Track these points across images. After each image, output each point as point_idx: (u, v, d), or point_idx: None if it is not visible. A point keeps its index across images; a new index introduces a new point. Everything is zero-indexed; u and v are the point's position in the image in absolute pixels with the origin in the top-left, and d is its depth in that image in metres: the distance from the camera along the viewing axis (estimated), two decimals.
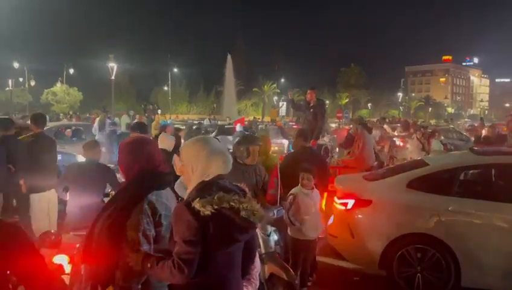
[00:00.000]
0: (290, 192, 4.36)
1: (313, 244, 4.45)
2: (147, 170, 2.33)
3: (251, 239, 2.26)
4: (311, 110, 8.21)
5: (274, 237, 3.86)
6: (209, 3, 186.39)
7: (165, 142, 6.17)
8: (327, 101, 66.03)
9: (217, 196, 1.98)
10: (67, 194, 4.57)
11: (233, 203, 2.00)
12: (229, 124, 22.19)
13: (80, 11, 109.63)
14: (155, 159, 2.41)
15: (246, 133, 12.01)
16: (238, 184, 2.29)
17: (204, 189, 2.05)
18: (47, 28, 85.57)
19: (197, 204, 1.95)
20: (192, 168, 2.14)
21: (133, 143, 2.44)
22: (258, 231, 3.57)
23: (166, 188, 2.40)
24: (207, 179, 2.10)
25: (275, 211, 4.03)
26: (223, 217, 1.97)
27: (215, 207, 1.95)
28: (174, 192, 3.10)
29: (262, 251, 3.64)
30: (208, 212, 1.93)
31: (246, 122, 20.92)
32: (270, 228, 3.83)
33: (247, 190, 2.26)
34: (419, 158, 6.55)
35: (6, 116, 6.66)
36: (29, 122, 13.23)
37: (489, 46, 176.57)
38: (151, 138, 5.57)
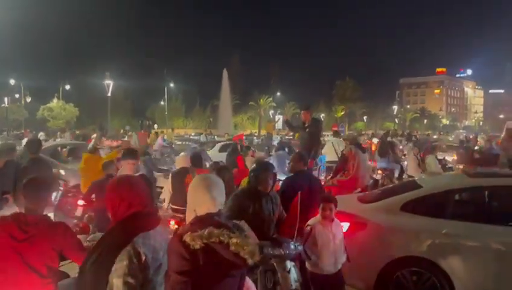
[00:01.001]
0: (308, 223, 4.13)
1: (335, 280, 4.09)
2: (135, 211, 2.31)
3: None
4: (307, 130, 8.25)
5: (294, 274, 3.62)
6: (206, 18, 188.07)
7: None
8: (322, 115, 66.74)
9: (207, 231, 2.10)
10: None
11: (222, 238, 2.10)
12: (228, 140, 22.21)
13: (76, 27, 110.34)
14: (143, 200, 2.37)
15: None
16: (236, 221, 2.44)
17: (197, 223, 2.19)
18: (43, 45, 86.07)
19: (187, 238, 2.08)
20: (188, 204, 2.33)
21: (121, 182, 2.41)
22: (277, 267, 3.48)
23: (154, 228, 2.32)
24: (199, 215, 2.25)
25: (296, 245, 3.66)
26: (212, 251, 2.09)
27: (204, 241, 2.07)
28: None
29: (282, 288, 3.47)
30: (197, 246, 2.06)
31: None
32: (289, 264, 3.61)
33: (245, 226, 2.37)
34: (412, 179, 6.59)
35: (10, 141, 6.70)
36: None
37: (482, 58, 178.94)
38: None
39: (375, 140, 15.87)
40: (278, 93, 73.49)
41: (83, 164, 7.48)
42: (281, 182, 5.16)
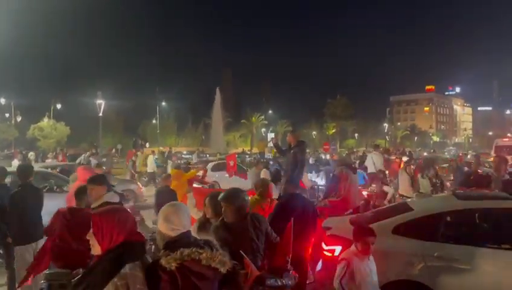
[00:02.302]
0: (342, 256, 4.00)
1: None
2: (122, 242, 2.36)
3: None
4: (291, 151, 8.44)
5: None
6: (198, 36, 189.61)
7: None
8: (314, 132, 67.10)
9: (179, 252, 2.36)
10: None
11: (193, 256, 2.37)
12: (220, 159, 22.20)
13: (67, 46, 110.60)
14: (129, 229, 2.42)
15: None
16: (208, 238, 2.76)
17: (169, 246, 2.43)
18: (34, 64, 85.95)
19: (163, 261, 2.33)
20: (158, 230, 2.60)
21: (108, 213, 2.46)
22: None
23: (141, 258, 2.38)
24: (170, 238, 2.50)
25: (294, 276, 3.60)
26: (187, 268, 2.34)
27: (178, 262, 2.32)
28: None
29: None
30: (173, 267, 2.30)
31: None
32: None
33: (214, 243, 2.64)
34: (404, 201, 6.63)
35: (1, 165, 6.65)
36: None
37: (470, 76, 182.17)
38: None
39: (404, 158, 15.02)
40: (270, 111, 73.94)
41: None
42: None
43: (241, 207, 3.73)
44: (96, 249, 2.38)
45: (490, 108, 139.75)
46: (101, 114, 24.37)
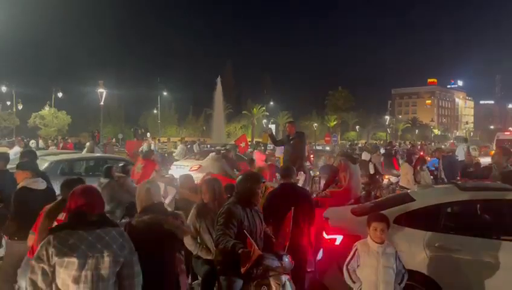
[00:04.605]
0: (355, 243, 3.95)
1: None
2: (72, 210, 2.69)
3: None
4: (291, 142, 8.41)
5: (288, 288, 3.58)
6: (199, 27, 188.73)
7: None
8: (315, 124, 66.96)
9: (148, 217, 3.41)
10: None
11: (155, 220, 3.39)
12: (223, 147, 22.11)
13: (69, 34, 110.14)
14: (79, 200, 2.69)
15: None
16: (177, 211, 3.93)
17: (142, 213, 3.50)
18: (35, 52, 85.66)
19: (134, 222, 3.46)
20: (136, 200, 3.66)
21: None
22: (272, 281, 3.49)
23: (82, 228, 2.59)
24: (144, 205, 3.55)
25: (284, 263, 3.62)
26: (149, 227, 3.35)
27: (147, 222, 3.37)
28: None
29: None
30: (140, 227, 3.36)
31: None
32: (284, 278, 3.57)
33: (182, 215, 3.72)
34: (405, 192, 6.62)
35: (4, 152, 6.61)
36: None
37: (472, 69, 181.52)
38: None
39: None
40: (271, 103, 73.73)
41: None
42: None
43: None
44: None
45: (492, 102, 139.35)
46: (102, 103, 24.32)
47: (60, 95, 46.39)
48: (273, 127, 55.55)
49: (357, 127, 78.80)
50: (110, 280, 2.57)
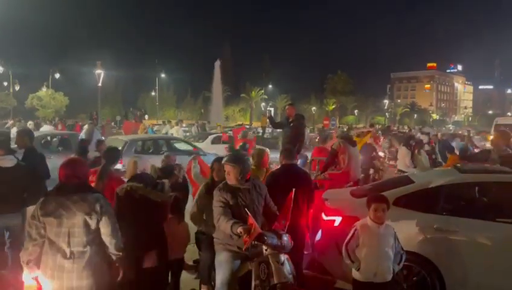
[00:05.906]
0: (355, 224, 3.96)
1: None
2: (59, 179, 3.26)
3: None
4: (291, 124, 8.37)
5: (287, 266, 3.58)
6: (197, 9, 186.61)
7: None
8: (314, 108, 66.83)
9: (133, 185, 4.03)
10: None
11: (140, 191, 3.99)
12: (221, 130, 22.12)
13: (66, 15, 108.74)
14: (61, 173, 3.26)
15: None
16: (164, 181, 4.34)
17: (130, 180, 4.15)
18: (32, 32, 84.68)
19: (117, 189, 4.11)
20: (126, 172, 4.55)
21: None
22: (271, 259, 3.50)
23: (63, 194, 3.16)
24: (130, 175, 4.26)
25: (284, 242, 3.65)
26: (130, 195, 4.00)
27: (128, 189, 4.02)
28: None
29: (275, 280, 3.44)
30: (121, 194, 4.04)
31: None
32: (283, 257, 3.58)
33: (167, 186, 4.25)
34: (405, 174, 6.63)
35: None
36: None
37: (472, 54, 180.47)
38: None
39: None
40: (270, 86, 73.39)
41: None
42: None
43: (245, 170, 3.85)
44: None
45: (491, 87, 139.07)
46: (100, 84, 24.10)
47: (57, 76, 45.93)
48: (272, 110, 55.32)
49: (356, 111, 78.73)
50: (84, 237, 3.14)
